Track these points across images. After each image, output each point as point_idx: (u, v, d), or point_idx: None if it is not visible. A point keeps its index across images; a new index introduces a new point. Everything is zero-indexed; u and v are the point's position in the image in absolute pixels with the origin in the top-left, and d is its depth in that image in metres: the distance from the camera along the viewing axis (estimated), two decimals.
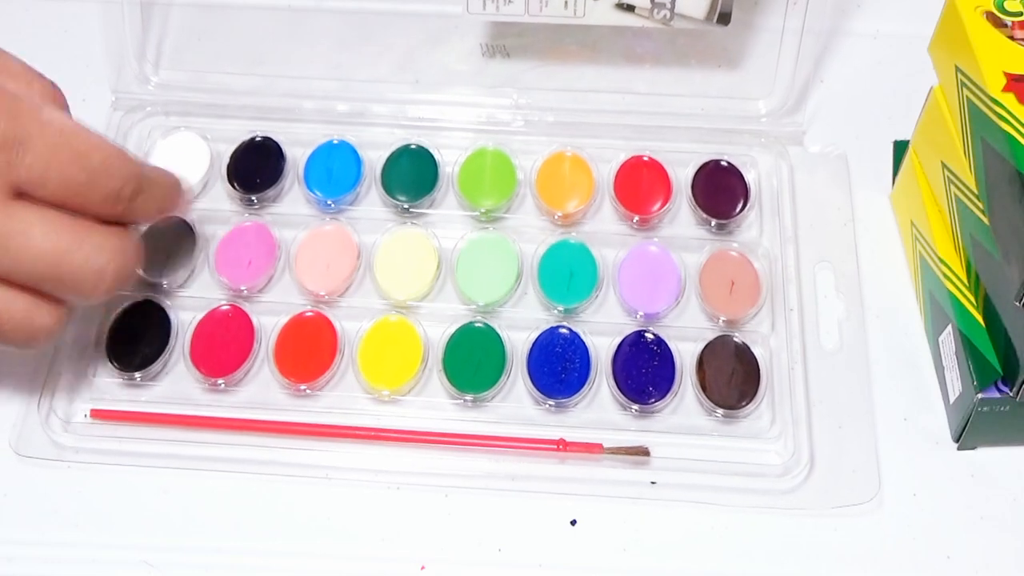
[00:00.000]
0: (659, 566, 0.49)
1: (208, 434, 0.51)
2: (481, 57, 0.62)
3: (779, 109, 0.59)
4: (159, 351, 0.53)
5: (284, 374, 0.52)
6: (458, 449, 0.51)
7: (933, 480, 0.51)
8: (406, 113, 0.60)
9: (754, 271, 0.55)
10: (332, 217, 0.57)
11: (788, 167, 0.58)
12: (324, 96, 0.60)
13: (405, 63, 0.62)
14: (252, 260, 0.55)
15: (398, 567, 0.49)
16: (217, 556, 0.49)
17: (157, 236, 0.55)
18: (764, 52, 0.61)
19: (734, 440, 0.51)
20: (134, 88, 0.61)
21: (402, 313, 0.54)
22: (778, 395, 0.52)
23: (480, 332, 0.53)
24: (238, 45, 0.63)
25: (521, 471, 0.50)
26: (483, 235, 0.56)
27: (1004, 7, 0.49)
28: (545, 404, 0.52)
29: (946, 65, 0.50)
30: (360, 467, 0.51)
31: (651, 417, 0.52)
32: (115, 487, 0.50)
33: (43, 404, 0.52)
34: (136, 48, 0.61)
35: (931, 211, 0.54)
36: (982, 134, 0.47)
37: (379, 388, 0.52)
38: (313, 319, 0.54)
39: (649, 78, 0.61)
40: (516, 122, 0.59)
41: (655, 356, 0.52)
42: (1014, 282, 0.45)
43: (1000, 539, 0.49)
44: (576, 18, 0.57)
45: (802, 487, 0.50)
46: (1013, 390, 0.48)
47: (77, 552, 0.49)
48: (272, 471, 0.50)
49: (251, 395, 0.53)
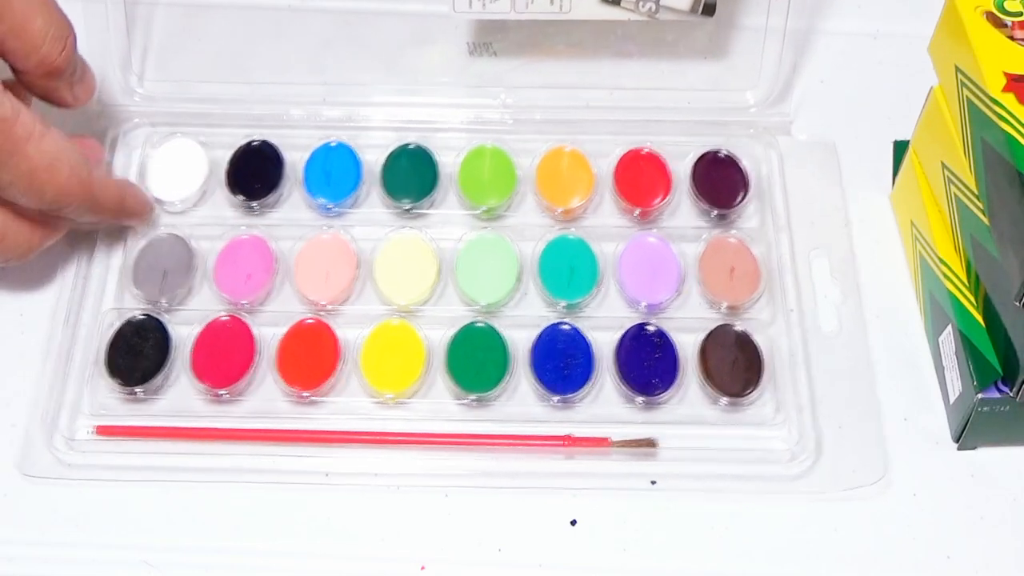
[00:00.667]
0: (660, 566, 0.49)
1: (214, 445, 0.51)
2: (468, 56, 0.62)
3: (766, 99, 0.59)
4: (159, 364, 0.52)
5: (287, 382, 0.52)
6: (465, 449, 0.51)
7: (933, 480, 0.51)
8: (394, 115, 0.60)
9: (753, 257, 0.55)
10: (329, 225, 0.56)
11: (778, 156, 0.59)
12: (312, 101, 0.60)
13: (391, 64, 0.61)
14: (251, 274, 0.55)
15: (398, 567, 0.48)
16: (217, 557, 0.49)
17: (153, 255, 0.55)
18: (749, 42, 0.61)
19: (740, 428, 0.52)
20: (120, 99, 0.60)
21: (403, 317, 0.54)
22: (780, 381, 0.52)
23: (482, 332, 0.53)
24: (223, 53, 0.62)
25: (526, 468, 0.51)
26: (482, 235, 0.56)
27: (1004, 7, 0.49)
28: (550, 401, 0.52)
29: (946, 65, 0.50)
30: (365, 471, 0.51)
31: (657, 409, 0.52)
32: (119, 501, 0.50)
33: (45, 422, 0.51)
34: (121, 59, 0.60)
35: (931, 211, 0.54)
36: (982, 134, 0.47)
37: (383, 392, 0.52)
38: (314, 326, 0.53)
39: (636, 72, 0.61)
40: (505, 120, 0.59)
41: (657, 348, 0.52)
42: (1014, 282, 0.45)
43: (1000, 539, 0.49)
44: (562, 13, 0.57)
45: (809, 472, 0.50)
46: (1013, 390, 0.48)
47: (78, 553, 0.49)
48: (278, 479, 0.50)
49: (254, 405, 0.52)
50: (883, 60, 0.63)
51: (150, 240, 0.56)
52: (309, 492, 0.50)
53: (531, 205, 0.58)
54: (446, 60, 0.62)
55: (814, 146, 0.59)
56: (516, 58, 0.62)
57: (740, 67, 0.61)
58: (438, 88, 0.61)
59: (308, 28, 0.63)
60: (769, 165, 0.58)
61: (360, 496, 0.50)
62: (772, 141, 0.59)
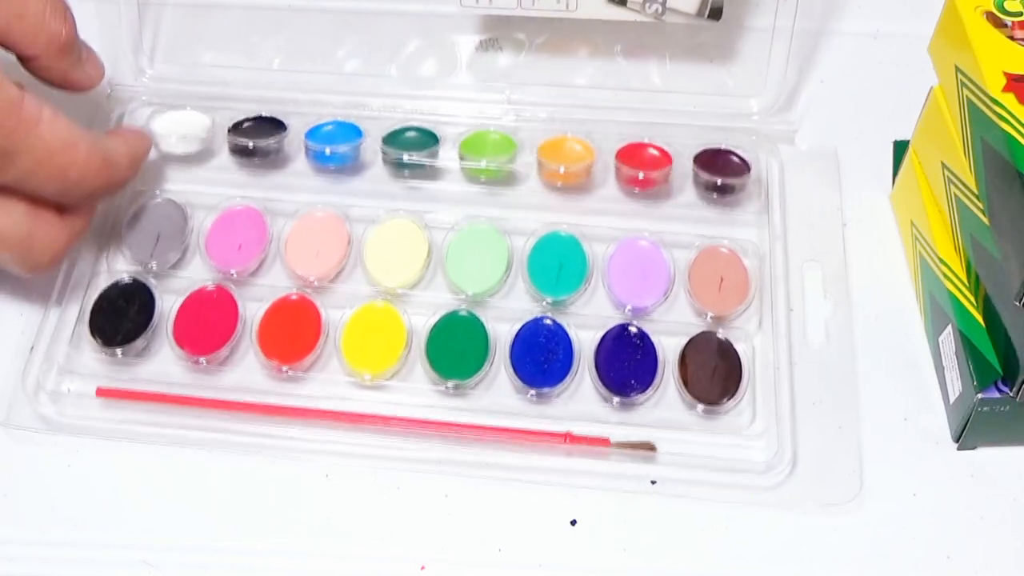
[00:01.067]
0: (660, 567, 0.49)
1: (201, 414, 0.51)
2: (474, 51, 0.62)
3: (771, 107, 0.59)
4: (142, 327, 0.53)
5: (267, 355, 0.52)
6: (461, 440, 0.51)
7: (933, 480, 0.51)
8: (400, 107, 0.60)
9: (743, 268, 0.55)
10: (326, 204, 0.57)
11: (779, 165, 0.59)
12: (318, 90, 0.60)
13: (398, 56, 0.62)
14: (242, 244, 0.55)
15: (398, 567, 0.48)
16: (216, 556, 0.49)
17: (148, 219, 0.56)
18: (756, 49, 0.61)
19: (715, 436, 0.51)
20: (129, 80, 0.61)
21: (388, 300, 0.54)
22: (761, 392, 0.52)
23: (464, 320, 0.53)
24: (233, 38, 0.63)
25: (523, 463, 0.51)
26: (474, 225, 0.56)
27: (1004, 7, 0.49)
28: (527, 394, 0.52)
29: (946, 65, 0.50)
30: (358, 454, 0.51)
31: (632, 410, 0.52)
32: (103, 462, 0.51)
33: (28, 378, 0.52)
34: (132, 40, 0.61)
35: (931, 211, 0.54)
36: (982, 134, 0.47)
37: (361, 372, 0.52)
38: (298, 302, 0.54)
39: (641, 74, 0.62)
40: (508, 116, 0.60)
41: (638, 350, 0.52)
42: (1014, 282, 0.45)
43: (1000, 539, 0.49)
44: (568, 12, 0.58)
45: (784, 484, 0.50)
46: (1013, 390, 0.48)
47: (74, 539, 0.49)
48: (270, 453, 0.51)
49: (235, 377, 0.53)
50: (883, 60, 0.63)
51: (146, 204, 0.57)
52: (307, 489, 0.50)
53: (535, 183, 0.58)
54: (452, 54, 0.62)
55: (815, 154, 0.59)
56: (521, 55, 0.62)
57: (746, 73, 0.61)
58: (443, 82, 0.61)
59: (317, 19, 0.63)
60: (769, 172, 0.58)
61: (360, 496, 0.50)
62: (774, 149, 0.59)
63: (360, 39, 0.63)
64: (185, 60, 0.62)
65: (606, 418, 0.52)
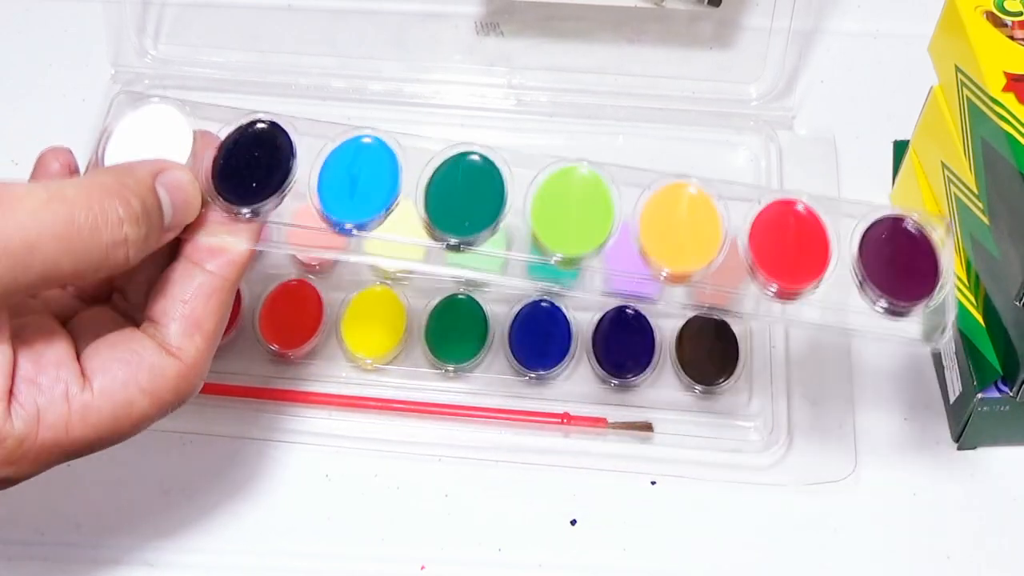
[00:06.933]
0: (660, 567, 0.49)
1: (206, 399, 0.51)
2: (475, 35, 0.63)
3: (769, 93, 0.60)
4: None
5: (268, 340, 0.52)
6: (460, 421, 0.51)
7: (933, 480, 0.51)
8: (401, 91, 0.60)
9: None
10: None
11: (777, 149, 0.59)
12: (320, 72, 0.61)
13: (400, 40, 0.62)
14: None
15: (398, 567, 0.49)
16: (216, 557, 0.49)
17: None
18: (755, 36, 0.61)
19: (712, 416, 0.52)
20: (133, 61, 0.61)
21: (387, 284, 0.54)
22: (758, 373, 0.52)
23: (463, 303, 0.53)
24: (236, 21, 0.63)
25: (524, 444, 0.51)
26: None
27: (1004, 7, 0.49)
28: (526, 376, 0.52)
29: (946, 65, 0.50)
30: (357, 435, 0.51)
31: (630, 391, 0.52)
32: (101, 467, 0.49)
33: None
34: (136, 21, 0.61)
35: (931, 211, 0.54)
36: (982, 134, 0.47)
37: (362, 356, 0.52)
38: (297, 287, 0.54)
39: (641, 59, 0.62)
40: (509, 100, 0.60)
41: (635, 331, 0.53)
42: (1014, 282, 0.45)
43: (1000, 539, 0.49)
44: None
45: (780, 463, 0.50)
46: (1013, 390, 0.48)
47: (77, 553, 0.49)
48: (271, 436, 0.51)
49: (235, 363, 0.53)
50: (883, 60, 0.63)
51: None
52: (308, 489, 0.50)
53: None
54: (453, 38, 0.62)
55: (814, 141, 0.59)
56: (523, 39, 0.62)
57: (745, 59, 0.61)
58: (445, 65, 0.61)
59: (320, 4, 0.64)
60: (768, 159, 0.58)
61: (360, 496, 0.50)
62: (772, 135, 0.59)
63: (362, 24, 0.63)
64: (189, 42, 0.62)
65: (604, 399, 0.52)
